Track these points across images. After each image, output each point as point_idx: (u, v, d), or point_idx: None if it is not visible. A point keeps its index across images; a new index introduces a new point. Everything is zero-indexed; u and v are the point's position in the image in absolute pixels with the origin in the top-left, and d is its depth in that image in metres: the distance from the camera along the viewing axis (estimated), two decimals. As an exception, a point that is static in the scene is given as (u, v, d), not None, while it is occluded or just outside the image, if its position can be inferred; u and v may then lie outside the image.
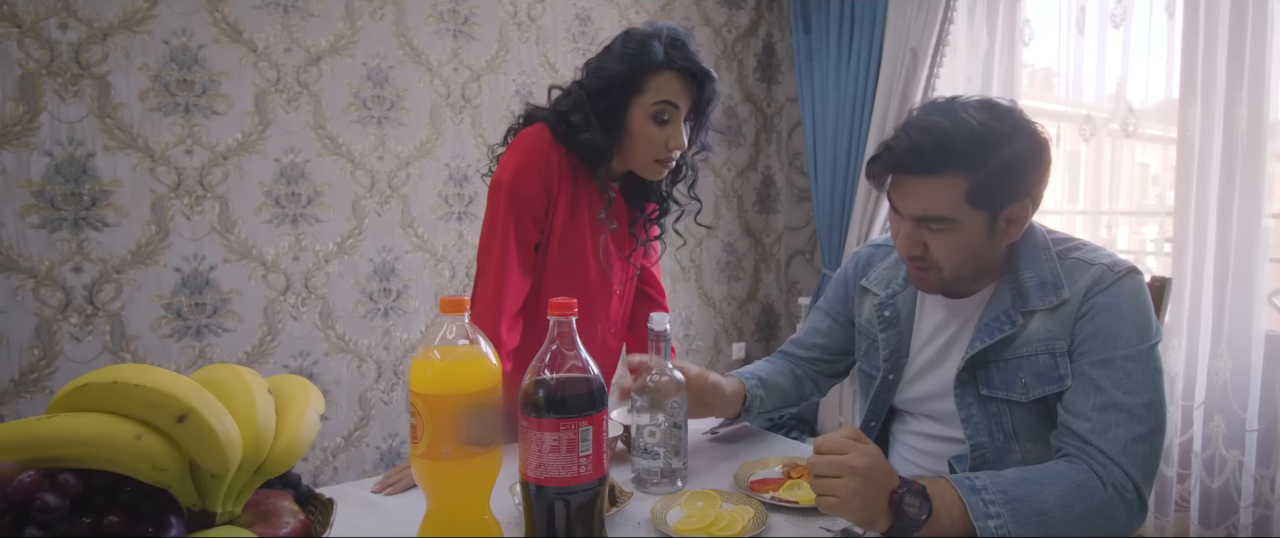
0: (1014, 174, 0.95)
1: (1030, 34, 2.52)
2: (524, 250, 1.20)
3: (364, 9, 2.33)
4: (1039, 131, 0.98)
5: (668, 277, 3.11)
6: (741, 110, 3.29)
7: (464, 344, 0.74)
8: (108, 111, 1.97)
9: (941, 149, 0.94)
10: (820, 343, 1.32)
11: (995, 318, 1.03)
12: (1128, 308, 0.97)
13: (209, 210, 2.12)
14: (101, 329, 1.99)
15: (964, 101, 0.98)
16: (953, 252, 1.00)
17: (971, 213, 0.96)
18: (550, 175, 1.20)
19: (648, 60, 1.16)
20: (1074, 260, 1.03)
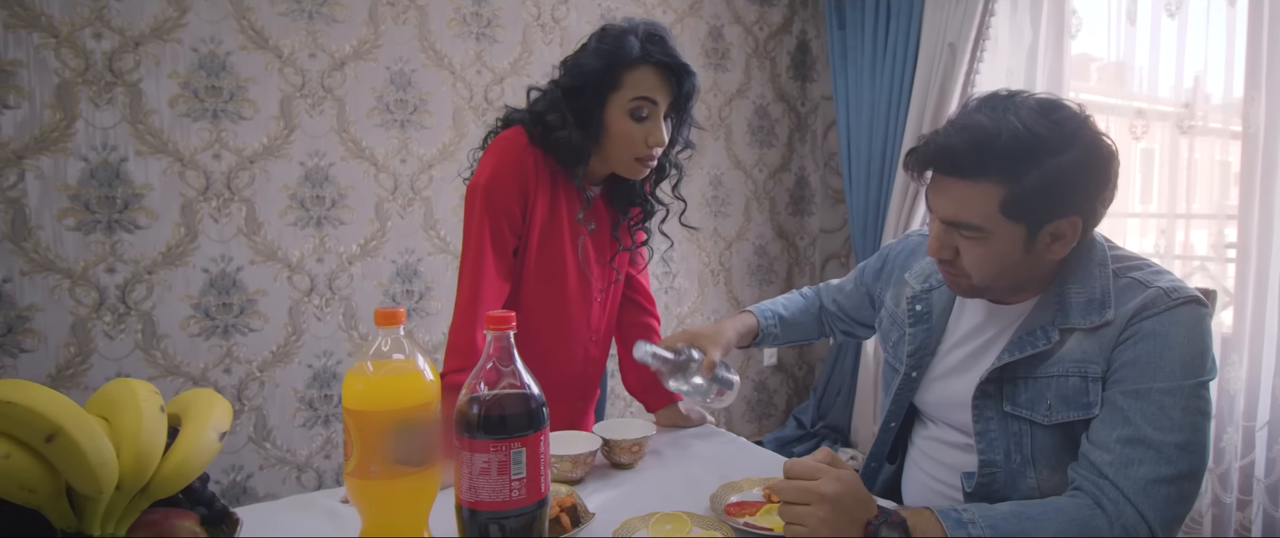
0: (1059, 188, 0.86)
1: (1078, 25, 2.38)
2: (501, 255, 1.18)
3: (387, 13, 2.35)
4: (1102, 145, 0.89)
5: (696, 280, 3.06)
6: (774, 110, 3.21)
7: (398, 358, 0.71)
8: (139, 118, 2.03)
9: (977, 152, 0.86)
10: (841, 302, 1.34)
11: (1031, 332, 0.96)
12: (1178, 338, 0.87)
13: (236, 213, 2.17)
14: (133, 328, 2.06)
15: (1023, 100, 0.89)
16: (982, 262, 0.93)
17: (1005, 225, 0.89)
18: (526, 178, 1.17)
19: (623, 55, 1.13)
20: (1130, 280, 0.94)
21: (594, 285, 1.30)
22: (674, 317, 3.02)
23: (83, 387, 2.01)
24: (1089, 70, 2.52)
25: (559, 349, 1.30)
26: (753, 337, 1.31)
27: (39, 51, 1.91)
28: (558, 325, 1.28)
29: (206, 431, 0.61)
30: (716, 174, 3.08)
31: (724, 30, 3.04)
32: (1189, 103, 2.14)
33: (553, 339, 1.29)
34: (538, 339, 1.29)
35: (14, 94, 1.89)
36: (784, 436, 3.22)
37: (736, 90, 3.10)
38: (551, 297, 1.26)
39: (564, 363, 1.31)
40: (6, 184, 1.90)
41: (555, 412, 1.32)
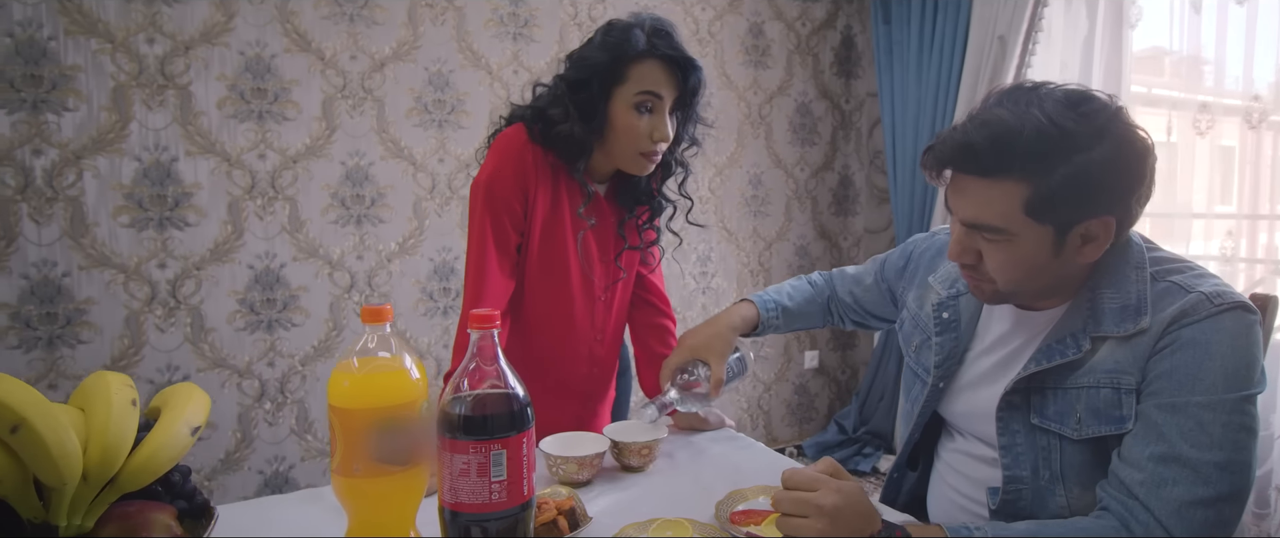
0: (1089, 187, 0.80)
1: (1137, 15, 2.26)
2: (504, 252, 1.18)
3: (426, 15, 2.39)
4: (1136, 139, 0.82)
5: (734, 280, 3.02)
6: (816, 107, 3.14)
7: (385, 356, 0.71)
8: (189, 119, 2.11)
9: (998, 149, 0.81)
10: (857, 294, 1.28)
11: (1061, 339, 0.90)
12: (1221, 348, 0.80)
13: (279, 211, 2.24)
14: (183, 321, 2.15)
15: (1048, 92, 0.83)
16: (1006, 266, 0.87)
17: (1030, 226, 0.83)
18: (526, 175, 1.17)
19: (629, 49, 1.12)
20: (1168, 284, 0.86)
21: (597, 283, 1.28)
22: (712, 317, 2.98)
23: (136, 377, 2.10)
24: (1151, 62, 2.38)
25: (563, 349, 1.30)
26: (752, 328, 1.26)
27: (96, 56, 2.00)
28: (561, 324, 1.28)
29: (178, 425, 0.62)
30: (756, 173, 3.03)
31: (765, 27, 2.99)
32: (1259, 95, 2.00)
33: (556, 338, 1.29)
34: (541, 338, 1.29)
35: (73, 97, 1.99)
36: (825, 440, 3.15)
37: (777, 88, 3.04)
38: (554, 295, 1.25)
39: (568, 362, 1.31)
40: (66, 183, 1.99)
41: (561, 412, 1.33)
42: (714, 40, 2.89)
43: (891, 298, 1.23)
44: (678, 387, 1.15)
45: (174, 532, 0.58)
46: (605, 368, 1.37)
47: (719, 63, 2.91)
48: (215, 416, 2.20)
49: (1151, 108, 2.30)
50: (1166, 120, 2.17)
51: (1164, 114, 2.17)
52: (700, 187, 2.91)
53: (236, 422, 2.23)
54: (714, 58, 2.89)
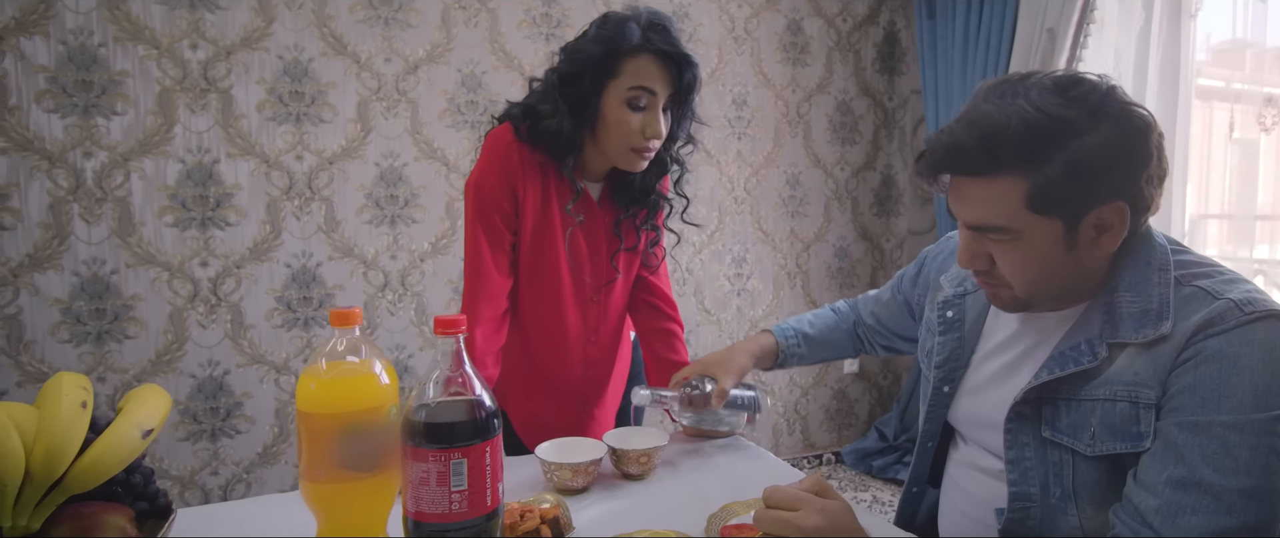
0: (1093, 172, 0.76)
1: (1197, 4, 2.12)
2: (497, 250, 1.19)
3: (459, 17, 2.41)
4: (1134, 116, 0.77)
5: (771, 283, 2.96)
6: (857, 105, 3.06)
7: (353, 361, 0.71)
8: (230, 122, 2.18)
9: (989, 146, 0.77)
10: (879, 314, 1.23)
11: (1075, 346, 0.83)
12: (1250, 362, 0.73)
13: (316, 211, 2.29)
14: (223, 318, 2.22)
15: (1034, 82, 0.79)
16: (1020, 267, 0.82)
17: (1037, 222, 0.79)
18: (512, 174, 1.17)
19: (623, 42, 1.10)
20: (1194, 289, 0.79)
21: (589, 284, 1.27)
22: (747, 320, 2.94)
23: (179, 372, 2.18)
24: (1214, 54, 2.23)
25: (556, 350, 1.29)
26: (773, 358, 1.23)
27: (143, 62, 2.09)
28: (553, 324, 1.27)
29: (128, 429, 0.63)
30: (794, 173, 2.97)
31: (803, 23, 2.92)
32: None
33: (549, 339, 1.28)
34: (534, 338, 1.30)
35: (121, 102, 2.07)
36: (865, 447, 3.07)
37: (816, 86, 2.97)
38: (545, 294, 1.25)
39: (561, 365, 1.30)
40: (114, 184, 2.08)
41: (556, 417, 1.32)
42: (751, 38, 2.84)
43: (910, 311, 1.18)
44: (680, 396, 1.13)
45: (127, 533, 0.59)
46: (601, 370, 1.35)
47: (756, 61, 2.85)
48: (253, 410, 2.27)
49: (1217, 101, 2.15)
50: (1229, 115, 2.03)
51: (1227, 108, 2.03)
52: (736, 187, 2.86)
53: (273, 417, 2.29)
54: (751, 56, 2.84)
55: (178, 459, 2.20)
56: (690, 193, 2.75)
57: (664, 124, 1.15)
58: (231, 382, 2.24)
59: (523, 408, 1.38)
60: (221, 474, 2.25)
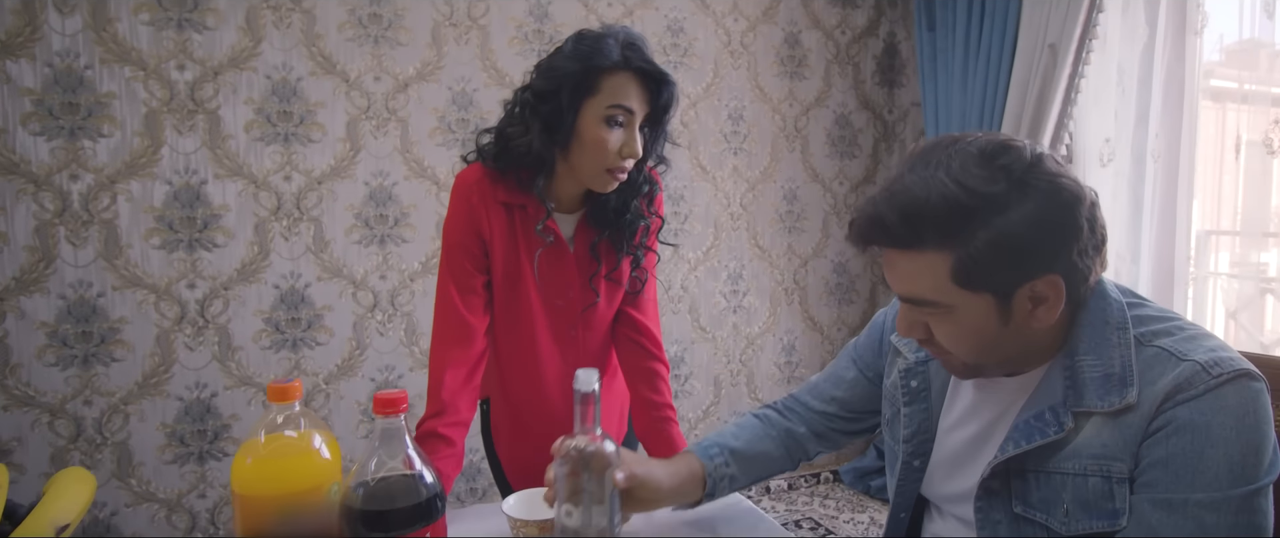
0: (1018, 249, 0.73)
1: (1203, 20, 2.06)
2: (468, 293, 1.17)
3: (449, 35, 2.38)
4: (1061, 188, 0.73)
5: (767, 299, 2.92)
6: (857, 119, 3.01)
7: (291, 435, 0.68)
8: (217, 143, 2.17)
9: (909, 222, 0.74)
10: (840, 397, 1.08)
11: (1038, 414, 0.80)
12: (1223, 431, 0.70)
13: (304, 232, 2.27)
14: (211, 340, 2.20)
15: (960, 149, 0.75)
16: (956, 340, 0.79)
17: (965, 296, 0.76)
18: (475, 216, 1.16)
19: (602, 59, 1.07)
20: (1157, 350, 0.76)
21: (564, 313, 1.24)
22: (743, 337, 2.90)
23: (166, 394, 2.17)
24: (1215, 69, 2.18)
25: (533, 390, 1.26)
26: (699, 488, 1.01)
27: (129, 83, 2.07)
28: (528, 363, 1.25)
29: (42, 525, 0.61)
30: (791, 188, 2.93)
31: (801, 36, 2.88)
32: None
33: (526, 379, 1.26)
34: (511, 381, 1.28)
35: (108, 124, 2.06)
36: (863, 466, 3.02)
37: (815, 99, 2.93)
38: (520, 333, 1.23)
39: (541, 404, 1.27)
40: (101, 207, 2.07)
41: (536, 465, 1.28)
42: (747, 51, 2.80)
43: (878, 383, 1.08)
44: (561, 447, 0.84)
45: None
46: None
47: (752, 75, 2.82)
48: (241, 432, 2.25)
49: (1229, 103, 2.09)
50: (1236, 125, 1.98)
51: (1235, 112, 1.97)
52: (732, 202, 2.83)
53: (261, 438, 2.27)
54: (747, 70, 2.80)
55: (165, 482, 2.19)
56: (685, 210, 2.73)
57: (639, 144, 1.12)
58: (219, 404, 2.22)
59: (510, 451, 1.36)
60: (209, 497, 2.23)
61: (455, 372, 1.17)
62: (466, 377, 1.18)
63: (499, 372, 1.31)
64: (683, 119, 2.71)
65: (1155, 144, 2.21)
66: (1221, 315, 2.26)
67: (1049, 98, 2.34)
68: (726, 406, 2.89)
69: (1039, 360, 0.83)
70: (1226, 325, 2.26)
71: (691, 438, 2.83)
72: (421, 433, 1.15)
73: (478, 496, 2.54)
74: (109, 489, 2.13)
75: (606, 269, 1.24)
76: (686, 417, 2.82)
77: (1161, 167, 2.22)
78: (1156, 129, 2.20)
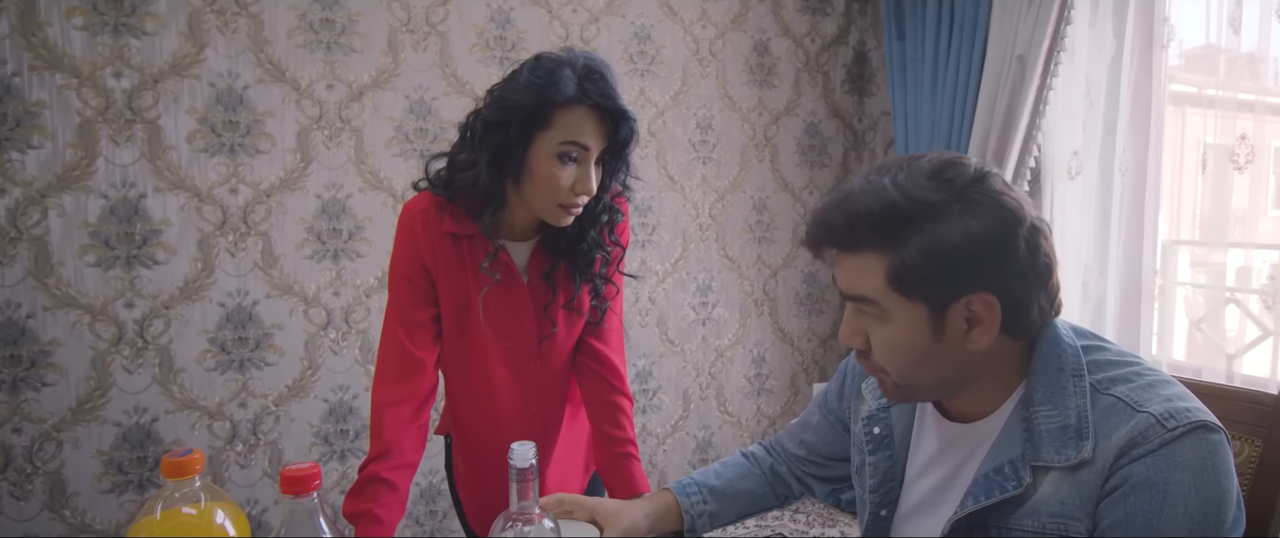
0: (949, 258, 0.72)
1: (1169, 34, 2.06)
2: (414, 328, 1.12)
3: (407, 41, 2.29)
4: (1000, 205, 0.72)
5: (737, 311, 2.87)
6: (826, 128, 2.98)
7: (190, 513, 0.60)
8: (158, 154, 2.05)
9: (850, 223, 0.75)
10: (809, 441, 1.07)
11: (998, 468, 0.76)
12: (1181, 489, 0.67)
13: (252, 247, 2.17)
14: (151, 362, 2.08)
15: (911, 164, 0.75)
16: (889, 349, 0.77)
17: (900, 302, 0.75)
18: (418, 249, 1.11)
19: (556, 93, 1.00)
20: (1113, 400, 0.73)
21: (521, 343, 1.18)
22: (713, 350, 2.85)
23: (102, 420, 2.04)
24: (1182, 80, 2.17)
25: (489, 426, 1.21)
26: (677, 519, 1.03)
27: (61, 92, 1.95)
28: (483, 399, 1.20)
29: None
30: (761, 198, 2.88)
31: (771, 44, 2.84)
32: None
33: (480, 416, 1.21)
34: (465, 420, 1.22)
35: (37, 134, 1.94)
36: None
37: (784, 108, 2.89)
38: (472, 369, 1.18)
39: (497, 444, 1.19)
40: (30, 222, 1.94)
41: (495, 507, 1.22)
42: (716, 59, 2.75)
43: (844, 428, 1.05)
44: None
45: None
46: (544, 446, 1.25)
47: (721, 83, 2.76)
48: (185, 458, 2.13)
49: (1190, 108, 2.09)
50: (1200, 153, 1.97)
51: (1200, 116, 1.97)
52: (701, 213, 2.77)
53: (207, 466, 2.15)
54: (716, 78, 2.75)
55: (102, 513, 2.06)
56: (653, 221, 2.67)
57: (595, 179, 1.06)
58: (160, 429, 2.10)
59: (469, 492, 1.30)
60: (151, 528, 2.11)
61: (399, 410, 1.11)
62: (412, 414, 1.13)
63: (452, 410, 1.26)
64: (650, 128, 2.65)
65: (1123, 157, 2.21)
66: (1185, 326, 2.26)
67: (1018, 109, 2.32)
68: (696, 419, 2.84)
69: (989, 400, 0.80)
70: (1190, 335, 2.26)
71: (660, 454, 2.77)
72: (364, 477, 1.08)
73: (438, 517, 2.45)
74: (41, 522, 2.01)
75: (563, 299, 1.18)
76: (655, 432, 2.76)
77: (1129, 180, 2.21)
78: (1124, 142, 2.19)
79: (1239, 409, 1.08)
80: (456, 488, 1.33)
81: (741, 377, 2.92)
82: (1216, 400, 1.10)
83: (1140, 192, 2.20)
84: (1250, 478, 1.06)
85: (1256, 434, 1.06)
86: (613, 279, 1.21)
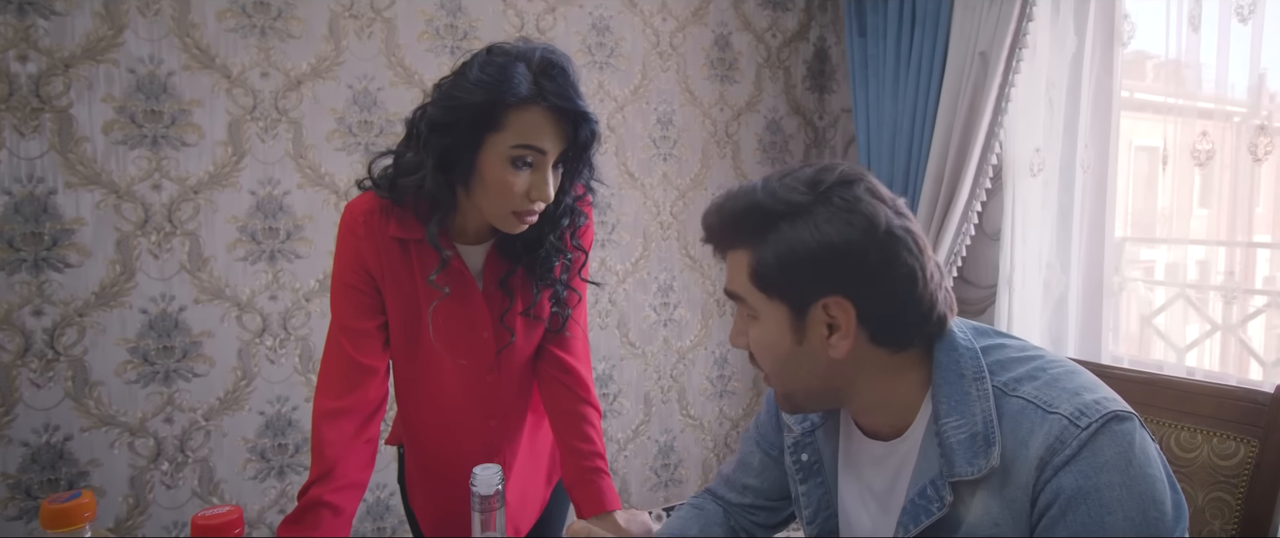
0: (802, 258, 0.72)
1: (1130, 31, 2.06)
2: (358, 336, 1.03)
3: (350, 27, 2.15)
4: (859, 211, 0.72)
5: (699, 311, 2.80)
6: (788, 124, 2.93)
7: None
8: (69, 146, 1.86)
9: (723, 221, 0.78)
10: (752, 485, 0.98)
11: (922, 491, 0.73)
12: (1113, 491, 0.64)
13: (178, 248, 1.99)
14: (63, 375, 1.89)
15: (795, 171, 0.77)
16: (761, 349, 0.78)
17: (763, 300, 0.75)
18: (361, 252, 1.02)
19: (509, 92, 0.91)
20: (1021, 403, 0.70)
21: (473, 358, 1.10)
22: (674, 351, 2.76)
23: (6, 439, 1.85)
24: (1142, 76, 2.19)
25: (446, 439, 1.14)
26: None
27: (-45, 76, 1.75)
28: (438, 407, 1.12)
29: None
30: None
31: (732, 38, 2.77)
32: (1265, 125, 1.81)
33: (436, 424, 1.14)
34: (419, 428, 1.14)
35: (-73, 123, 1.74)
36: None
37: (746, 103, 2.83)
38: (424, 377, 1.10)
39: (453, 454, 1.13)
40: (-82, 222, 1.74)
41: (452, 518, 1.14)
42: (676, 53, 2.66)
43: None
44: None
45: None
46: (505, 455, 1.17)
47: (682, 77, 2.68)
48: (103, 479, 1.95)
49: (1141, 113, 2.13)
50: (1161, 151, 1.98)
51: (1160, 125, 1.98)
52: (661, 211, 2.69)
53: (128, 486, 1.97)
54: (677, 72, 2.67)
55: (7, 543, 1.87)
56: (612, 219, 2.57)
57: (553, 184, 0.97)
58: (75, 448, 1.91)
59: (428, 507, 1.21)
60: (64, 557, 1.92)
61: (342, 423, 1.01)
62: (357, 428, 1.03)
63: (405, 420, 1.17)
64: (610, 123, 2.55)
65: (1084, 154, 2.20)
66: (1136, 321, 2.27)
67: (980, 107, 2.30)
68: (657, 424, 2.75)
69: (899, 415, 0.77)
70: (1142, 331, 2.28)
71: (620, 460, 2.68)
72: (304, 503, 0.98)
73: (387, 534, 2.30)
74: (-66, 556, 1.80)
75: (522, 305, 1.09)
76: (615, 437, 2.66)
77: (1091, 176, 2.21)
78: (1085, 139, 2.19)
79: (1234, 409, 1.05)
80: (411, 502, 1.24)
81: (703, 379, 2.84)
82: (1212, 400, 1.07)
83: (1102, 189, 2.20)
84: (1247, 479, 1.03)
85: (1252, 434, 1.03)
86: (574, 286, 1.13)
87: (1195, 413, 1.08)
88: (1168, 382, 1.13)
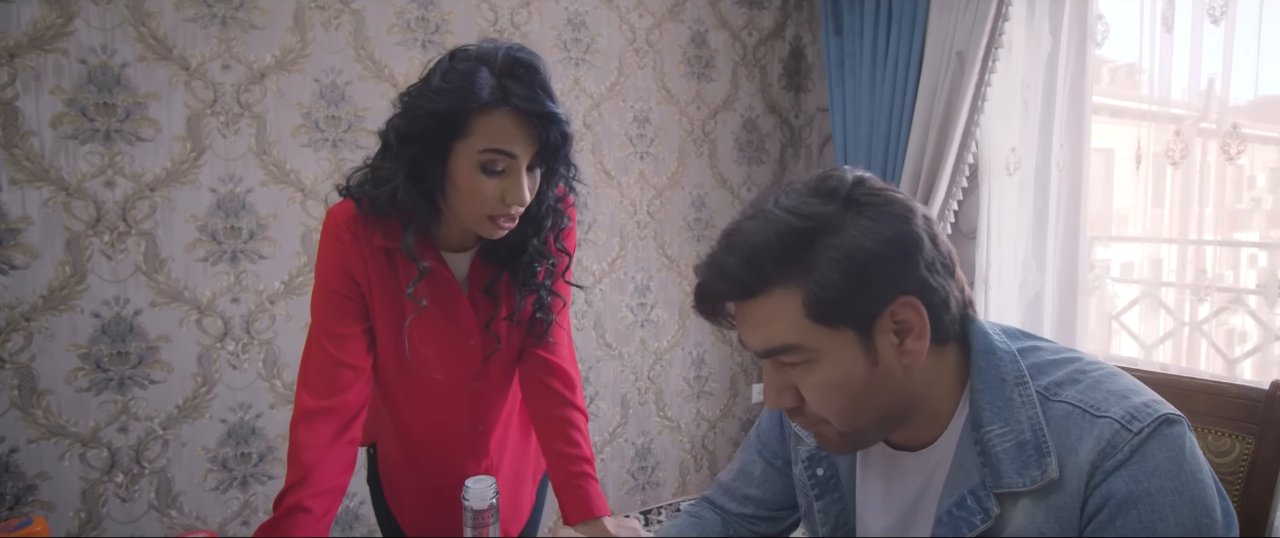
0: (864, 265, 0.66)
1: (1104, 32, 2.08)
2: (340, 339, 1.00)
3: (316, 19, 2.07)
4: (889, 199, 0.68)
5: (676, 312, 2.76)
6: (764, 123, 2.91)
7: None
8: (15, 141, 1.76)
9: (750, 262, 0.67)
10: (753, 495, 0.94)
11: (960, 502, 0.69)
12: (1166, 497, 0.62)
13: (133, 249, 1.89)
14: (8, 383, 1.78)
15: (787, 188, 0.71)
16: (825, 395, 0.69)
17: (826, 335, 0.67)
18: (346, 257, 0.99)
19: (473, 97, 0.87)
20: (1068, 408, 0.67)
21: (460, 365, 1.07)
22: (651, 352, 2.72)
23: (-54, 453, 1.73)
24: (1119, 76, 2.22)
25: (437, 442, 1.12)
26: None
27: (-113, 65, 1.64)
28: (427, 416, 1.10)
29: None
30: (699, 194, 2.78)
31: (708, 36, 2.74)
32: (1232, 112, 1.83)
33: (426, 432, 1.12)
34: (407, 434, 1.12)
35: None
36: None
37: (722, 102, 2.80)
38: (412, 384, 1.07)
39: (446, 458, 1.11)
40: None
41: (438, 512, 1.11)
42: (653, 50, 2.63)
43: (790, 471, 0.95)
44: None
45: None
46: (494, 460, 1.15)
47: (659, 75, 2.65)
48: (51, 493, 1.84)
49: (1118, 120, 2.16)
50: (1136, 137, 2.00)
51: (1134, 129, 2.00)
52: (638, 211, 2.65)
53: (80, 500, 1.87)
54: (653, 69, 2.63)
55: (-54, 564, 1.75)
56: (589, 218, 2.53)
57: (528, 186, 0.93)
58: (21, 461, 1.81)
59: (414, 512, 1.18)
60: (9, 577, 1.81)
61: (322, 427, 0.97)
62: (336, 431, 0.99)
63: (394, 423, 1.14)
64: (586, 121, 2.51)
65: (1059, 153, 2.22)
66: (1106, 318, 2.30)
67: (957, 106, 2.30)
68: (634, 426, 2.71)
69: (931, 424, 0.73)
70: (1111, 327, 2.31)
71: (597, 463, 2.63)
72: (283, 509, 0.93)
73: (357, 545, 2.23)
74: None
75: (506, 311, 1.07)
76: (592, 439, 2.61)
77: (1066, 175, 2.23)
78: (1061, 138, 2.21)
79: (1230, 406, 1.04)
80: (386, 497, 1.21)
81: (681, 379, 2.81)
82: (1207, 397, 1.06)
83: (1077, 187, 2.22)
84: (1242, 476, 1.02)
85: (1248, 431, 1.02)
86: (558, 290, 1.11)
87: (1190, 410, 1.06)
88: (1162, 379, 1.12)
